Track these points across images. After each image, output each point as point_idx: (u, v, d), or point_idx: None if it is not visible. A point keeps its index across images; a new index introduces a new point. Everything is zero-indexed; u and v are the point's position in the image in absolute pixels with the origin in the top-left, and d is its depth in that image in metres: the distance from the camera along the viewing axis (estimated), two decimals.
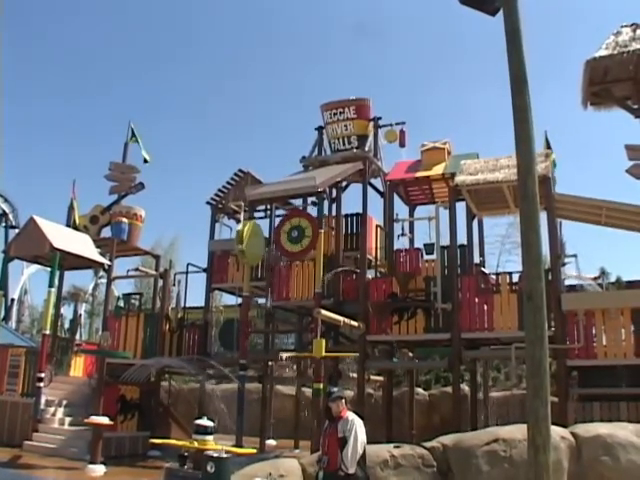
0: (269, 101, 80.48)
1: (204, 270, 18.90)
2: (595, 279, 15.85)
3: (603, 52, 12.13)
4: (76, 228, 19.62)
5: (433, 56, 74.43)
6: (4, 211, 40.07)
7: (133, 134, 21.10)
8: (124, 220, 19.81)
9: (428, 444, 8.35)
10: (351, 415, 6.50)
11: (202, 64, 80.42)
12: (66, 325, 33.47)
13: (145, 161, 21.47)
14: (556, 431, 7.96)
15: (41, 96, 76.97)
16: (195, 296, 37.97)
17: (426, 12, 77.23)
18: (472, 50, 71.32)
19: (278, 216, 17.67)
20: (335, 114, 18.26)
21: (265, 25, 78.93)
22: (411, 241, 17.26)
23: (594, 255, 43.37)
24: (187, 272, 19.28)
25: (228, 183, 19.12)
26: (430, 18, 74.93)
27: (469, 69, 70.80)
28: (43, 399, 15.91)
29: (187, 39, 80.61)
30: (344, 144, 18.09)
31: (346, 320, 14.37)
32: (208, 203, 19.15)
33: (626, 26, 12.58)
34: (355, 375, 15.17)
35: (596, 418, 12.21)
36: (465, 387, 17.45)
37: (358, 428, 6.38)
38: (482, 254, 17.44)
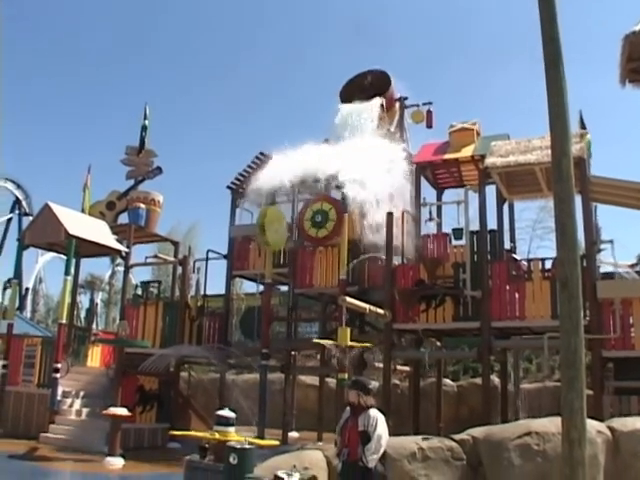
0: (290, 81, 79.94)
1: (224, 257, 18.43)
2: (632, 266, 15.36)
3: None
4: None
5: (451, 34, 73.18)
6: (18, 198, 40.20)
7: (145, 117, 20.61)
8: (141, 206, 19.51)
9: (457, 436, 7.96)
10: (373, 411, 6.22)
11: (219, 43, 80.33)
12: (82, 314, 33.45)
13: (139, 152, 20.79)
14: (592, 425, 7.57)
15: (50, 77, 76.83)
16: (215, 283, 37.58)
17: None
18: (492, 26, 70.13)
19: (301, 200, 17.23)
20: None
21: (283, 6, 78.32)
22: (439, 226, 16.80)
23: (632, 241, 42.36)
24: (207, 259, 18.86)
25: (249, 167, 18.47)
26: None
27: (490, 47, 69.65)
28: (60, 390, 15.70)
29: (204, 23, 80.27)
30: None
31: (372, 308, 13.91)
32: (228, 187, 18.62)
33: None
34: (381, 365, 14.78)
35: (633, 412, 11.79)
36: (495, 378, 17.05)
37: (380, 425, 6.14)
38: (513, 240, 16.93)
